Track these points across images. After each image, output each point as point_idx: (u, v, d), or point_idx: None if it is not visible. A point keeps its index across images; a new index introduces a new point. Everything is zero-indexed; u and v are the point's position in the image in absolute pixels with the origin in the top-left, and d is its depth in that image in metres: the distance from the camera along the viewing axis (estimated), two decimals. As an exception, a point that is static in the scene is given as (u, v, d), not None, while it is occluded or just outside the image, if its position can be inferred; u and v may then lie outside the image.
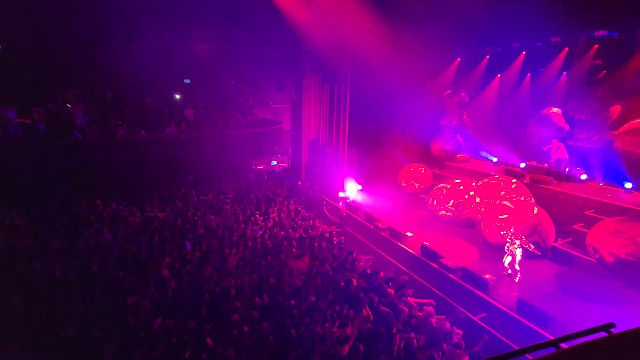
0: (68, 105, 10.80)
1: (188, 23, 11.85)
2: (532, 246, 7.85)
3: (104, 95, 11.87)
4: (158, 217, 9.87)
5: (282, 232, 9.36)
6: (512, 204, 9.19)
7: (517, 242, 7.83)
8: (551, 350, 1.79)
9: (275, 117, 16.47)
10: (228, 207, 10.99)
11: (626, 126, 9.95)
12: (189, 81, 15.19)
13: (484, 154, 13.78)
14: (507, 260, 7.90)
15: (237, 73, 15.22)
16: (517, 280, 7.70)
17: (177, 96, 14.35)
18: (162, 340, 5.19)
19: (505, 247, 7.99)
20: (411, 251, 9.15)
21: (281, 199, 12.18)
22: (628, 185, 9.73)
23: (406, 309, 6.13)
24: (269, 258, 7.96)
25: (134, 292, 6.25)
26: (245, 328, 5.43)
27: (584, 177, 10.72)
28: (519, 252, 7.82)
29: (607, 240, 7.59)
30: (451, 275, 7.96)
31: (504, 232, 8.15)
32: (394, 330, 5.49)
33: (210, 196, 11.81)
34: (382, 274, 7.44)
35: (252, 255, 8.08)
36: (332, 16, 11.68)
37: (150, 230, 9.00)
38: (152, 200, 11.19)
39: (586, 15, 9.20)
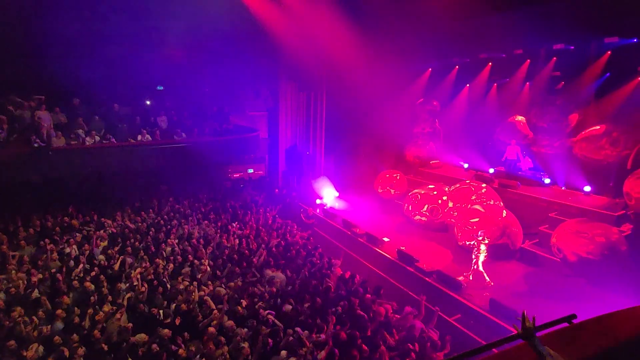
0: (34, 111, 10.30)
1: (161, 29, 11.63)
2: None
3: (71, 101, 11.38)
4: (130, 227, 9.55)
5: (259, 240, 9.28)
6: (482, 207, 9.57)
7: (482, 246, 8.17)
8: (519, 342, 1.90)
9: (252, 124, 16.38)
10: (202, 216, 10.79)
11: (583, 133, 10.64)
12: (162, 88, 14.86)
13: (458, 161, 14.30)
14: (479, 260, 8.21)
15: (212, 80, 15.06)
16: (488, 281, 7.99)
17: (148, 102, 13.98)
18: (134, 353, 5.00)
19: (474, 254, 8.32)
20: (388, 256, 9.31)
21: (258, 207, 12.09)
22: (587, 188, 10.37)
23: (383, 312, 6.22)
24: (245, 266, 7.87)
25: (105, 305, 5.99)
26: (222, 338, 5.34)
27: (547, 181, 11.33)
28: (482, 255, 8.19)
29: (569, 241, 8.05)
30: (427, 279, 8.16)
31: (476, 236, 8.48)
32: (369, 333, 5.56)
33: (185, 205, 11.55)
34: (357, 278, 7.53)
35: (229, 263, 7.96)
36: (308, 25, 11.85)
37: (121, 240, 8.68)
38: (124, 210, 10.82)
39: (544, 29, 9.86)
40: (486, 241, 8.36)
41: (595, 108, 10.65)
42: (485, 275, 8.10)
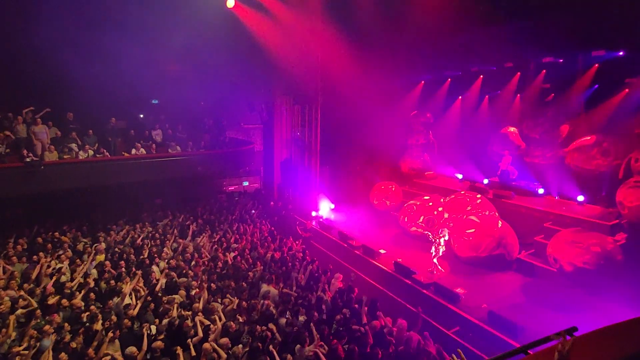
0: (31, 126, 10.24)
1: (156, 43, 11.72)
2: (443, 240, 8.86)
3: (65, 115, 11.32)
4: (124, 242, 9.40)
5: (255, 253, 9.18)
6: (478, 218, 9.60)
7: (441, 238, 8.77)
8: (521, 356, 1.88)
9: (247, 137, 16.44)
10: (197, 229, 10.67)
11: (574, 144, 10.78)
12: (157, 101, 14.88)
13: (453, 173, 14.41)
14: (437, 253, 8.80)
15: (208, 93, 15.13)
16: (435, 273, 8.67)
17: (142, 115, 13.97)
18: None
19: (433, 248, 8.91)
20: (385, 268, 9.24)
21: (253, 220, 12.00)
22: (580, 198, 10.46)
23: (377, 325, 6.12)
24: (241, 280, 7.75)
25: (95, 322, 5.84)
26: (215, 355, 5.20)
27: (541, 191, 11.42)
28: (441, 248, 8.84)
29: (565, 251, 8.07)
30: (424, 291, 8.10)
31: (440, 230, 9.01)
32: (368, 349, 5.46)
33: (179, 219, 11.44)
34: (356, 292, 7.43)
35: (224, 278, 7.83)
36: (302, 39, 12.04)
37: (115, 255, 8.53)
38: (118, 224, 10.68)
39: (533, 43, 10.10)
40: (446, 237, 8.94)
41: (586, 119, 10.84)
42: (438, 266, 8.78)
